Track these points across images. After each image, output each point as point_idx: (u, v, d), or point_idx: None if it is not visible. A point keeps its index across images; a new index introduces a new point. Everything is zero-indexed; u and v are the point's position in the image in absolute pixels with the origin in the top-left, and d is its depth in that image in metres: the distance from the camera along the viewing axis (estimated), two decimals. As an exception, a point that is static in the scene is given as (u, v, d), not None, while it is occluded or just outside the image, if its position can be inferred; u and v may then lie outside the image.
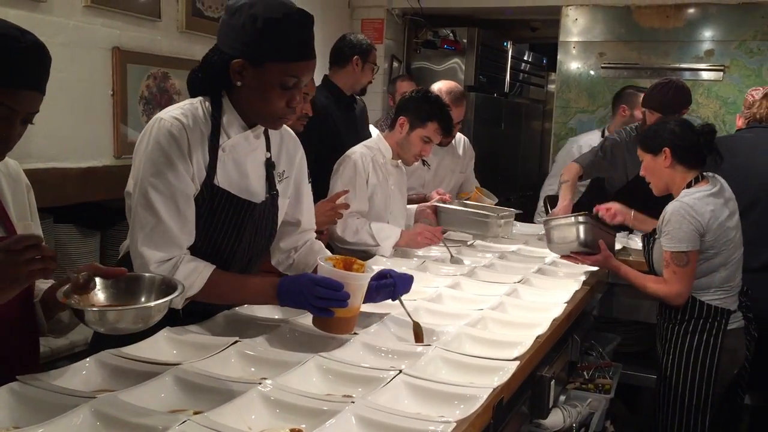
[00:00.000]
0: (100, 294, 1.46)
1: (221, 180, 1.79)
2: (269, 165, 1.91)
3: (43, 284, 1.60)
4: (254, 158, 1.88)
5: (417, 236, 2.90)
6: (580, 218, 2.74)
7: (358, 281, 1.75)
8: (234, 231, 1.83)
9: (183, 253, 1.73)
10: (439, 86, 3.59)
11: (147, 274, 1.56)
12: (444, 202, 3.27)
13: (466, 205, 3.37)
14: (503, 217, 3.19)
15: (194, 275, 1.71)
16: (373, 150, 2.98)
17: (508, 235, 3.30)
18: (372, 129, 3.62)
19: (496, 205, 3.60)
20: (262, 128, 1.87)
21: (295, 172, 2.02)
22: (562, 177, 3.67)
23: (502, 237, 3.25)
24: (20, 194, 1.59)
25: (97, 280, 1.46)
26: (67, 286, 1.43)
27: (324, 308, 1.70)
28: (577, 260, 2.77)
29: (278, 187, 1.94)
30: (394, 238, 2.87)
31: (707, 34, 4.79)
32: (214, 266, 1.76)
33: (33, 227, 1.61)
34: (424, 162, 3.47)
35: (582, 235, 2.70)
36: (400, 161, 3.06)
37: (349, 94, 3.56)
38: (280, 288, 1.76)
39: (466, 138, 3.93)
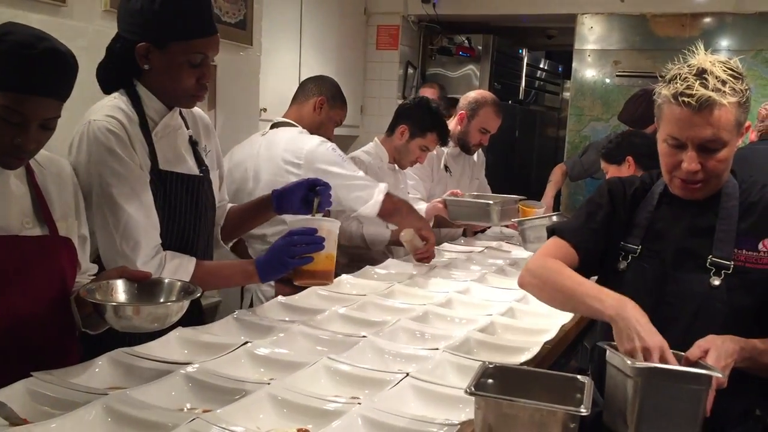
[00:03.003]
0: (122, 295, 1.52)
1: (164, 164, 1.81)
2: (193, 143, 1.95)
3: (82, 279, 1.65)
4: (181, 137, 1.91)
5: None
6: (554, 217, 2.78)
7: (329, 225, 1.88)
8: (192, 209, 1.87)
9: (159, 244, 1.76)
10: (483, 93, 3.64)
11: (167, 280, 1.61)
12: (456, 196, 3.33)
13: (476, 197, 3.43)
14: (504, 204, 3.21)
15: (180, 270, 1.76)
16: (371, 155, 3.10)
17: (512, 221, 3.33)
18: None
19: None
20: (178, 109, 1.89)
21: (213, 145, 2.05)
22: (550, 177, 4.00)
23: (504, 225, 3.40)
24: (66, 193, 1.62)
25: (122, 282, 1.53)
26: (92, 283, 1.51)
27: (302, 256, 1.79)
28: None
29: (206, 161, 1.97)
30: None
31: (723, 43, 4.76)
32: (195, 258, 1.81)
33: (77, 225, 1.64)
34: (446, 168, 3.58)
35: None
36: (396, 165, 3.18)
37: None
38: (257, 261, 1.84)
39: None
